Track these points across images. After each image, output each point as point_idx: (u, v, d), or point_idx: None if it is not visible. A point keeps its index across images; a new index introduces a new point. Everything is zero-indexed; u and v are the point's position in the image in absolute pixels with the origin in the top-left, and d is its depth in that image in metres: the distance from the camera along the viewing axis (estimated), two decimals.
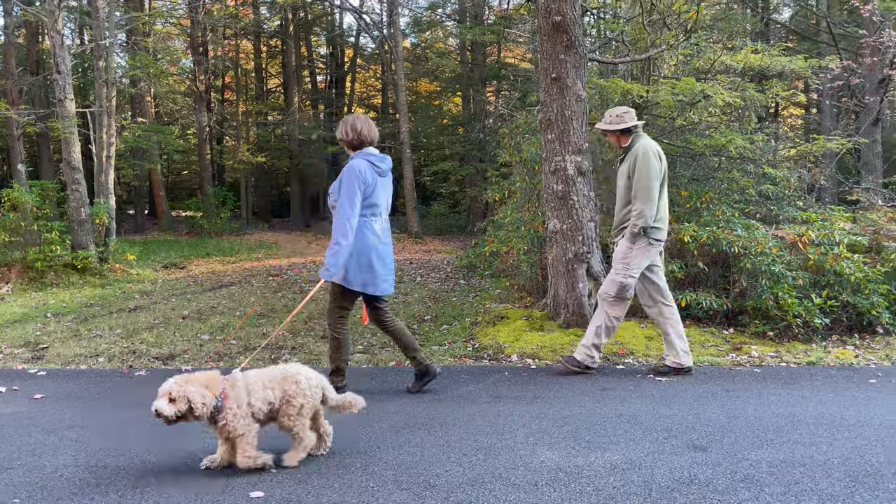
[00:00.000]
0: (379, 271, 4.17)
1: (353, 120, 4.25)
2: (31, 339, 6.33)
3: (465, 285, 9.05)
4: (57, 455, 3.21)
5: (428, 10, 21.20)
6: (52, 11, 10.08)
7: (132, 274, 10.76)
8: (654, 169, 4.56)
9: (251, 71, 27.06)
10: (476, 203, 18.46)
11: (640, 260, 4.60)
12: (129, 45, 17.21)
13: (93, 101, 13.61)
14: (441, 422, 3.67)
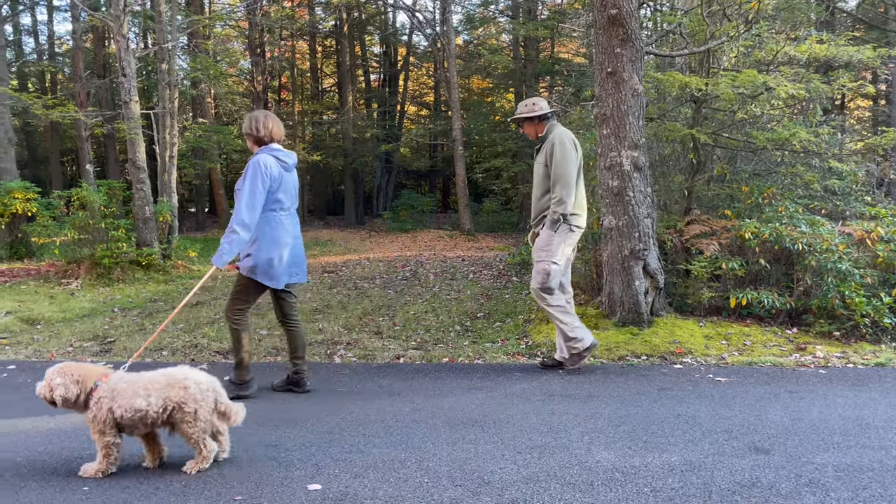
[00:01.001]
0: (286, 265, 4.22)
1: (260, 116, 4.29)
2: (100, 332, 6.58)
3: (517, 282, 9.01)
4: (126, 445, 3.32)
5: (481, 6, 21.15)
6: (118, 16, 10.45)
7: (193, 270, 11.08)
8: (571, 156, 4.62)
9: (307, 71, 27.52)
10: (529, 200, 18.33)
11: (563, 247, 4.69)
12: (190, 47, 17.70)
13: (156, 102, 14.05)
14: (494, 419, 3.66)
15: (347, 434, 3.44)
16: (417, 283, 9.24)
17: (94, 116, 15.39)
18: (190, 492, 2.76)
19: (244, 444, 3.30)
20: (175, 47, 12.54)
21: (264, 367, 5.03)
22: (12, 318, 7.29)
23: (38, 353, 5.74)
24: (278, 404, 4.01)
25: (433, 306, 7.58)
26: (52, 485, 2.85)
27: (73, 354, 5.71)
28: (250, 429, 3.53)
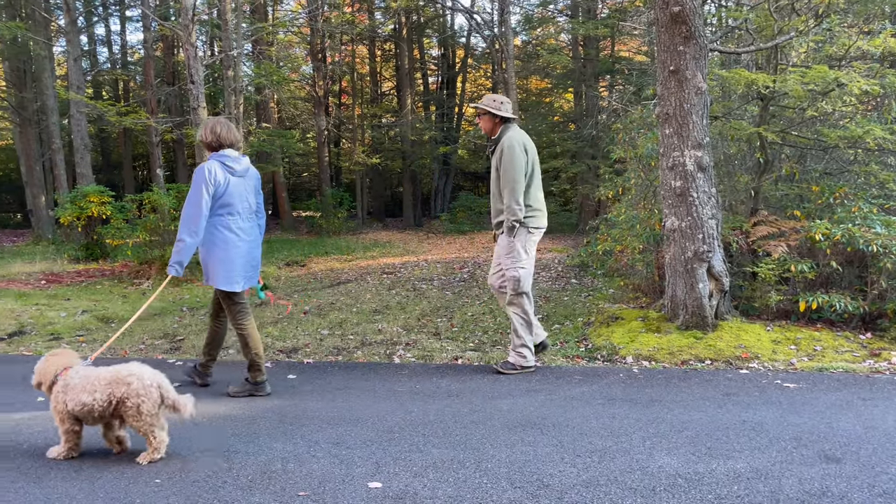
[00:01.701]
0: (240, 267, 4.29)
1: (213, 123, 4.34)
2: (169, 331, 6.83)
3: (576, 284, 8.93)
4: (193, 440, 3.45)
5: (539, 6, 21.02)
6: (187, 25, 10.83)
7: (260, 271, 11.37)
8: (519, 162, 4.64)
9: (366, 75, 27.89)
10: (588, 201, 18.12)
11: (524, 250, 4.73)
12: (254, 54, 18.19)
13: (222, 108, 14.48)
14: (554, 422, 3.64)
15: (407, 433, 3.48)
16: (475, 285, 9.26)
17: (164, 122, 15.97)
18: (255, 486, 2.85)
19: (308, 442, 3.37)
20: (240, 54, 12.91)
21: (325, 366, 5.12)
22: (88, 317, 7.64)
23: (112, 351, 6.00)
24: (339, 403, 4.08)
25: (490, 308, 7.58)
26: (126, 476, 2.98)
27: (144, 352, 5.95)
28: (315, 426, 3.61)
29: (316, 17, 19.88)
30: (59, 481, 2.92)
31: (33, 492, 2.82)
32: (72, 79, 14.79)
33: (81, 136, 14.79)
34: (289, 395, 4.28)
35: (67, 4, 14.83)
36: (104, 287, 9.97)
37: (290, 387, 4.51)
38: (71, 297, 9.03)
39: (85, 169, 14.55)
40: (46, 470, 3.05)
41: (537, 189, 4.82)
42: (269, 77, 15.74)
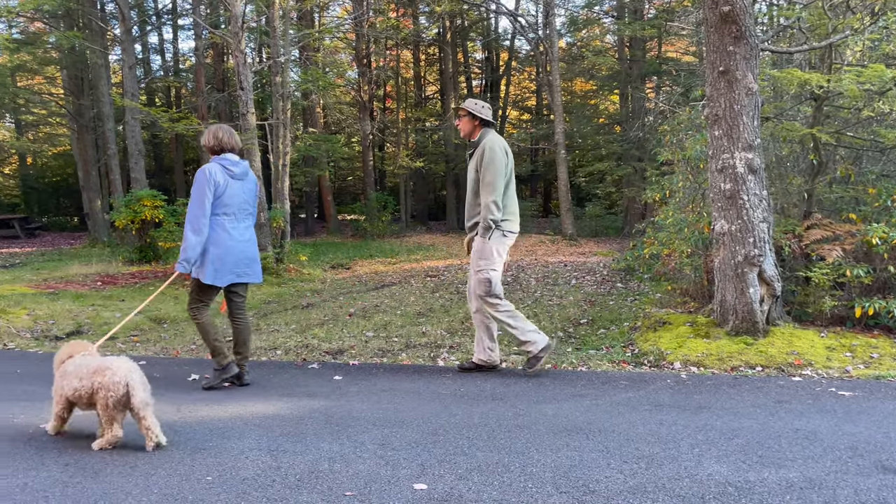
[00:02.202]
0: (226, 264, 4.52)
1: (216, 129, 4.62)
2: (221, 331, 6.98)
3: (622, 288, 8.82)
4: (243, 439, 3.52)
5: (584, 8, 20.87)
6: (236, 33, 11.07)
7: (304, 274, 11.55)
8: (500, 164, 4.67)
9: (410, 79, 28.09)
10: (634, 204, 17.90)
11: (497, 253, 4.75)
12: (301, 60, 18.49)
13: (270, 113, 14.76)
14: (599, 427, 3.61)
15: (452, 436, 3.50)
16: (519, 289, 9.23)
17: None
18: (303, 485, 2.89)
19: (354, 442, 3.41)
20: (287, 60, 13.14)
21: (370, 368, 5.17)
22: (142, 318, 7.86)
23: (164, 350, 6.17)
24: (385, 405, 4.12)
25: (535, 312, 7.54)
26: (179, 473, 3.06)
27: (195, 352, 6.10)
28: (361, 427, 3.65)
29: (361, 23, 20.12)
30: (116, 477, 3.02)
31: (91, 486, 2.92)
32: (127, 86, 15.26)
33: (136, 141, 15.24)
34: (335, 397, 4.34)
35: (123, 14, 15.32)
36: (156, 288, 10.24)
37: (335, 388, 4.57)
38: (125, 298, 9.32)
39: (139, 174, 14.99)
40: (102, 466, 3.16)
41: (513, 194, 4.88)
42: (315, 82, 15.98)
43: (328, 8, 24.69)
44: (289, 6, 13.02)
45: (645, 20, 18.21)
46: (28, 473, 3.07)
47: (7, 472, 3.09)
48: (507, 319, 4.80)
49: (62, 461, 3.21)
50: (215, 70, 22.40)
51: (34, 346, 6.53)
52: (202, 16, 19.02)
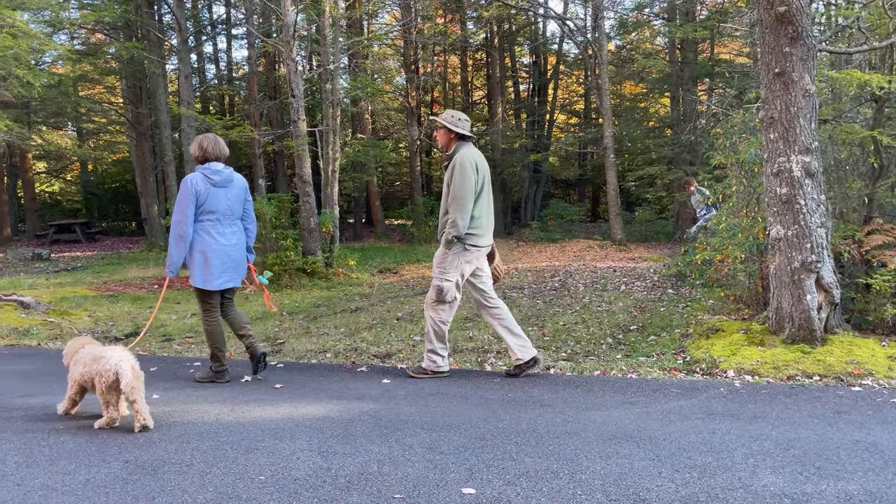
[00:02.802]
0: (215, 268, 4.77)
1: (201, 139, 4.84)
2: (271, 334, 7.12)
3: (673, 295, 8.67)
4: (294, 440, 3.59)
5: (634, 10, 20.62)
6: (288, 42, 11.30)
7: (353, 278, 11.68)
8: (469, 180, 4.73)
9: (457, 84, 28.18)
10: (685, 208, 17.56)
11: (456, 264, 4.83)
12: (350, 67, 18.75)
13: (320, 120, 15.00)
14: (650, 435, 3.55)
15: (500, 441, 3.49)
16: (567, 294, 9.15)
17: (267, 135, 16.70)
18: (353, 487, 2.93)
19: (403, 445, 3.44)
20: (337, 68, 13.34)
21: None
22: (197, 320, 8.07)
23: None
24: (433, 408, 4.14)
25: (583, 318, 7.47)
26: (233, 472, 3.13)
27: (246, 354, 6.22)
28: (409, 430, 3.68)
29: (409, 30, 20.29)
30: (173, 474, 3.11)
31: (149, 483, 3.01)
32: (183, 95, 15.71)
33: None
34: (384, 400, 4.38)
35: (179, 25, 15.78)
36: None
37: (384, 391, 4.61)
38: (181, 301, 9.58)
39: None
40: (160, 464, 3.25)
41: (484, 207, 4.92)
42: (364, 89, 16.19)
43: (377, 15, 24.98)
44: (339, 15, 13.22)
45: (697, 21, 17.88)
46: (90, 470, 3.18)
47: (71, 468, 3.22)
48: (432, 326, 4.93)
49: (122, 458, 3.32)
50: (267, 78, 22.87)
51: None
52: (255, 25, 19.47)
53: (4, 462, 3.30)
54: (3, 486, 3.00)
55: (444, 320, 4.95)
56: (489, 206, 4.98)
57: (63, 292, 10.28)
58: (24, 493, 2.93)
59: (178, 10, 15.72)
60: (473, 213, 4.83)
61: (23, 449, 3.49)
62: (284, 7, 11.23)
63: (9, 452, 3.43)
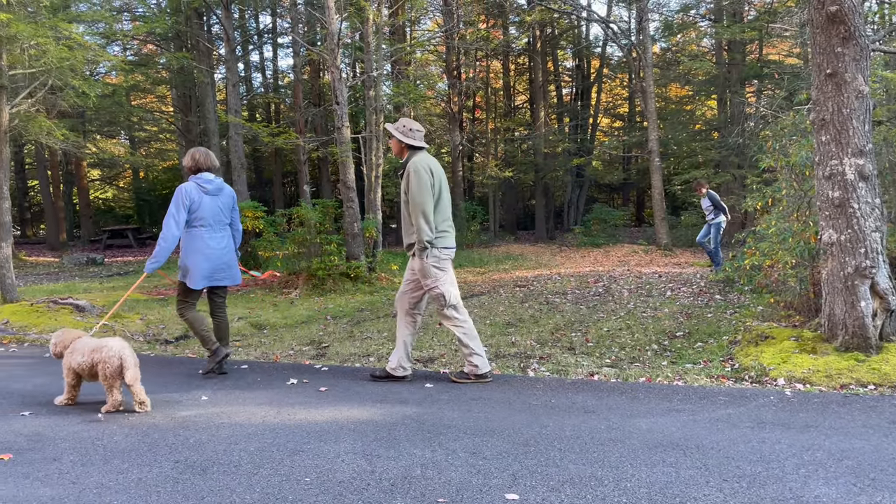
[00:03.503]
0: (203, 270, 5.21)
1: (194, 152, 5.31)
2: (315, 338, 7.22)
3: (721, 301, 8.50)
4: (338, 442, 3.63)
5: (679, 12, 20.33)
6: (332, 49, 11.46)
7: (395, 282, 11.76)
8: (426, 185, 4.75)
9: (500, 89, 28.16)
10: (733, 212, 17.22)
11: (438, 269, 4.85)
12: (393, 74, 18.90)
13: (363, 127, 15.16)
14: (697, 444, 3.49)
15: (543, 447, 3.47)
16: (611, 299, 9.06)
17: (311, 142, 16.94)
18: (397, 490, 2.95)
19: (446, 450, 3.45)
20: (381, 75, 13.47)
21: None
22: (244, 323, 8.23)
23: (265, 355, 6.43)
24: (475, 413, 4.14)
25: (628, 323, 7.38)
26: (280, 473, 3.19)
27: (293, 357, 6.32)
28: (452, 435, 3.69)
29: (452, 36, 20.37)
30: (221, 475, 3.18)
31: (198, 483, 3.08)
32: (230, 103, 16.06)
33: (238, 155, 16.00)
34: (427, 404, 4.40)
35: (227, 35, 16.15)
36: (257, 296, 10.69)
37: (427, 395, 4.63)
38: (228, 305, 9.78)
39: (241, 186, 15.71)
40: (210, 464, 3.33)
41: (446, 209, 4.95)
42: (407, 95, 16.31)
43: (419, 22, 25.15)
44: (382, 22, 13.35)
45: (745, 22, 17.53)
46: (142, 469, 3.27)
47: (124, 467, 3.32)
48: (459, 332, 4.95)
49: (172, 458, 3.41)
50: (312, 86, 23.22)
51: (146, 350, 6.95)
52: (300, 34, 19.80)
53: (60, 460, 3.42)
54: (59, 484, 3.11)
55: (465, 320, 4.98)
56: (449, 210, 5.03)
57: (116, 296, 10.60)
58: (79, 490, 3.03)
59: (226, 20, 16.09)
60: (436, 216, 4.88)
61: (78, 448, 3.61)
62: (329, 16, 11.40)
63: (65, 451, 3.55)
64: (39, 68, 10.03)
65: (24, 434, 3.85)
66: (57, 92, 11.36)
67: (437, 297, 4.92)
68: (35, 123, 10.84)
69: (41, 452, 3.53)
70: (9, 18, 8.97)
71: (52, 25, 9.75)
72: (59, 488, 3.06)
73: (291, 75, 24.44)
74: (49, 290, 12.32)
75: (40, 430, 3.92)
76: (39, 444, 3.68)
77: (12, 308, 8.73)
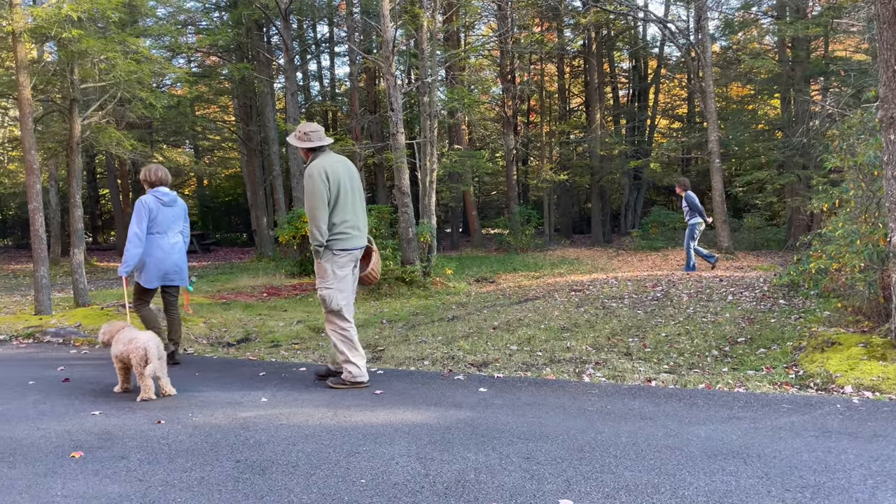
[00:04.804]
0: (158, 271, 6.03)
1: (154, 168, 6.11)
2: (371, 341, 7.31)
3: (784, 306, 8.23)
4: (393, 445, 3.67)
5: (740, 9, 19.82)
6: (387, 57, 11.61)
7: (449, 287, 11.81)
8: (317, 189, 4.84)
9: (554, 92, 27.98)
10: (798, 214, 16.67)
11: (330, 272, 4.98)
12: (447, 79, 19.02)
13: (418, 132, 15.29)
14: (758, 452, 3.40)
15: (598, 453, 3.44)
16: (669, 304, 8.88)
17: (367, 148, 17.18)
18: (451, 493, 2.97)
19: (499, 454, 3.45)
20: (435, 81, 13.57)
21: (514, 381, 5.20)
22: (302, 327, 8.40)
23: (322, 358, 6.55)
24: (529, 418, 4.13)
25: (687, 329, 7.23)
26: (336, 474, 3.25)
27: None
28: (506, 439, 3.69)
29: (506, 40, 20.36)
30: (280, 475, 3.26)
31: (258, 483, 3.17)
32: (289, 112, 16.44)
33: (297, 163, 16.35)
34: (480, 408, 4.41)
35: (286, 45, 16.54)
36: (315, 300, 10.89)
37: (481, 400, 4.64)
38: (288, 309, 10.00)
39: (300, 192, 16.04)
40: (269, 464, 3.42)
41: (347, 211, 4.99)
42: (461, 100, 16.38)
43: (473, 27, 25.22)
44: (436, 28, 13.46)
45: (809, 18, 16.97)
46: (204, 468, 3.39)
47: (188, 465, 3.44)
48: (338, 338, 5.02)
49: (234, 458, 3.52)
50: (367, 93, 23.55)
51: (209, 352, 7.17)
52: (356, 43, 20.12)
53: (128, 458, 3.56)
54: (126, 481, 3.24)
55: (346, 328, 5.04)
56: (354, 210, 5.05)
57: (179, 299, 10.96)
58: (145, 488, 3.16)
59: (285, 31, 16.48)
60: (334, 220, 4.94)
61: (144, 447, 3.75)
62: (384, 24, 11.56)
63: (132, 450, 3.70)
64: (109, 81, 10.48)
65: (94, 433, 4.03)
66: (125, 104, 11.85)
67: (321, 299, 5.04)
68: (105, 134, 11.33)
69: (110, 451, 3.69)
70: (80, 34, 9.41)
71: (120, 40, 10.19)
72: (127, 485, 3.19)
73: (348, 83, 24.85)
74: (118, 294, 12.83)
75: (110, 430, 4.09)
76: (108, 442, 3.84)
77: (84, 312, 9.13)
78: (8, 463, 3.52)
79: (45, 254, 9.58)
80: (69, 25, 9.32)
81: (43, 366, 6.30)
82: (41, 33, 9.67)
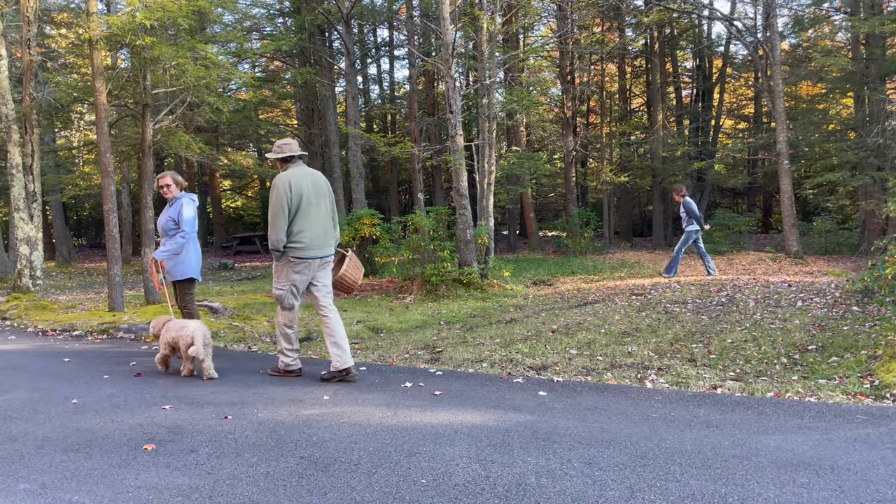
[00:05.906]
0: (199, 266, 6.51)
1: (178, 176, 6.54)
2: (430, 342, 7.35)
3: (859, 312, 7.90)
4: (453, 446, 3.68)
5: (811, 6, 19.12)
6: (447, 59, 11.65)
7: (507, 289, 11.77)
8: (279, 200, 5.20)
9: (615, 93, 27.56)
10: (873, 218, 15.97)
11: (285, 273, 5.38)
12: (506, 81, 18.96)
13: (476, 134, 15.30)
14: (832, 464, 3.27)
15: (662, 461, 3.37)
16: (735, 310, 8.63)
17: (426, 150, 17.28)
18: (511, 497, 2.96)
19: (560, 459, 3.42)
20: (494, 82, 13.56)
21: (574, 386, 5.14)
22: (362, 327, 8.51)
23: (382, 358, 6.62)
24: (591, 423, 4.08)
25: (754, 335, 7.01)
26: (398, 473, 3.27)
27: (408, 361, 6.47)
28: (567, 444, 3.66)
29: (566, 41, 20.18)
30: (342, 472, 3.31)
31: (321, 479, 3.23)
32: (350, 115, 16.68)
33: (357, 165, 16.58)
34: (540, 412, 4.38)
35: (348, 49, 16.79)
36: (374, 300, 11.03)
37: (540, 403, 4.61)
38: (347, 309, 10.14)
39: (359, 194, 16.27)
40: (332, 461, 3.47)
41: (308, 221, 5.30)
42: (519, 102, 16.30)
43: (533, 28, 25.09)
44: (496, 30, 13.44)
45: (885, 14, 16.24)
46: (270, 463, 3.47)
47: (254, 460, 3.53)
48: (279, 329, 5.56)
49: (298, 454, 3.59)
50: (426, 96, 23.70)
51: (272, 350, 7.33)
52: (416, 46, 20.28)
53: (197, 452, 3.68)
54: (195, 474, 3.35)
55: (288, 323, 5.54)
56: (316, 222, 5.35)
57: (245, 299, 11.25)
58: (213, 481, 3.25)
59: (346, 36, 16.74)
60: (293, 229, 5.27)
61: (213, 441, 3.87)
62: (444, 26, 11.62)
63: (201, 443, 3.82)
64: (179, 87, 10.85)
65: (165, 426, 4.18)
66: (194, 108, 12.25)
67: (275, 296, 5.51)
68: (175, 138, 11.74)
69: (180, 444, 3.82)
70: (152, 41, 9.77)
71: (190, 46, 10.54)
72: (196, 478, 3.29)
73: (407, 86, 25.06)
74: None
75: (179, 423, 4.23)
76: (178, 436, 3.98)
77: (155, 309, 9.47)
78: (85, 454, 3.68)
79: (118, 253, 9.98)
80: (142, 33, 9.70)
81: (116, 361, 6.56)
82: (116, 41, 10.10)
